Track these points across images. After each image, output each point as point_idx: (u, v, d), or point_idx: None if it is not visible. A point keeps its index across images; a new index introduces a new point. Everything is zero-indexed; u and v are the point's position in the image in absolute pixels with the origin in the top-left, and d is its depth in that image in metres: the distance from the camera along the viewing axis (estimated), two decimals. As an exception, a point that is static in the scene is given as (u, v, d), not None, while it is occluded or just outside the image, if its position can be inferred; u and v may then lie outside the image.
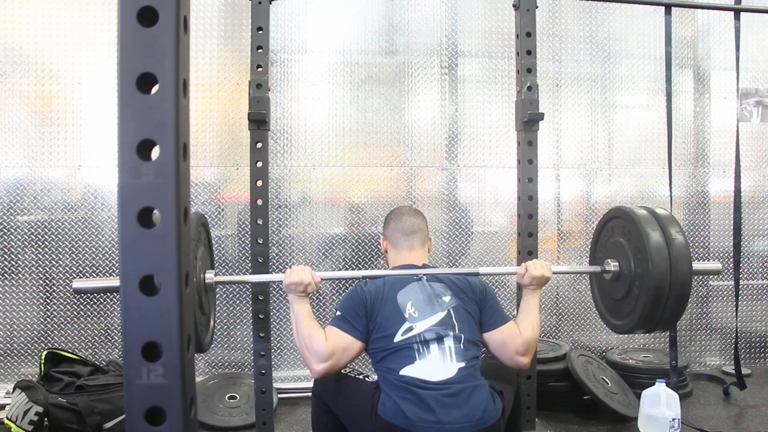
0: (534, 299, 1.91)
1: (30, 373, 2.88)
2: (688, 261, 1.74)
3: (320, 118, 3.10)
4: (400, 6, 3.16)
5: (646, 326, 1.86)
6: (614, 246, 1.97)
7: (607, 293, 2.04)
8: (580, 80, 3.31)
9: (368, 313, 1.80)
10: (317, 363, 1.73)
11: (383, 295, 1.83)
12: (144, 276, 0.67)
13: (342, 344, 1.75)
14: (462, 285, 1.90)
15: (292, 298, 1.80)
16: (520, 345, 1.83)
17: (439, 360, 1.74)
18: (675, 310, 1.78)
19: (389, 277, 1.90)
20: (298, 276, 1.76)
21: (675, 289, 1.73)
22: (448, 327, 1.79)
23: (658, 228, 1.77)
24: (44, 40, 2.89)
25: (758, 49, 3.33)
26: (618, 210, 1.97)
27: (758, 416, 2.71)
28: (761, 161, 3.41)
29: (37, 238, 2.91)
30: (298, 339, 1.77)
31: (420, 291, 1.85)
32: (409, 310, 1.80)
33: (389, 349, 1.76)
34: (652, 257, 1.73)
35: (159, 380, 0.67)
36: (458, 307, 1.84)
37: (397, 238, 2.03)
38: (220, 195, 3.05)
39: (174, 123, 0.67)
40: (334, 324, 1.80)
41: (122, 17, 0.66)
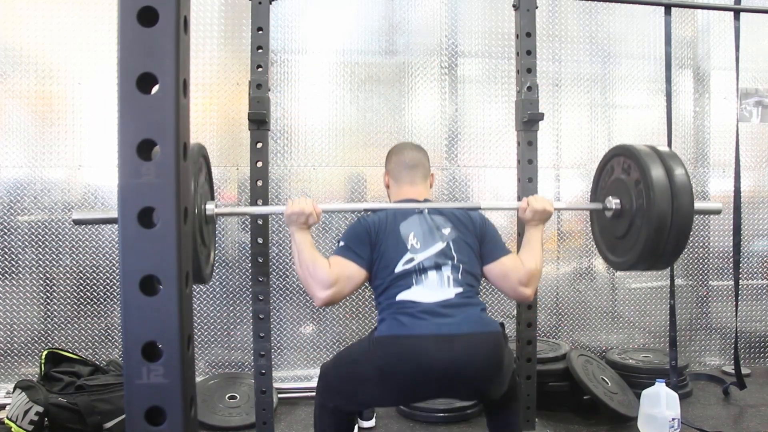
0: (537, 233, 1.89)
1: (30, 373, 2.88)
2: (689, 196, 1.71)
3: (320, 118, 3.10)
4: (400, 6, 3.16)
5: (646, 263, 1.83)
6: (615, 184, 1.94)
7: (609, 231, 2.00)
8: (580, 80, 3.31)
9: (372, 242, 1.80)
10: (321, 290, 1.71)
11: (386, 225, 1.82)
12: (144, 276, 0.67)
13: (347, 272, 1.74)
14: (462, 218, 1.89)
15: (294, 230, 1.78)
16: (523, 275, 1.81)
17: (437, 285, 1.74)
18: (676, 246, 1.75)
19: (391, 209, 1.89)
20: (300, 206, 1.75)
21: (676, 223, 1.70)
22: (447, 257, 1.78)
23: (659, 163, 1.74)
24: (44, 40, 2.89)
25: (758, 49, 3.33)
26: (621, 148, 1.93)
27: (758, 416, 2.71)
28: (761, 161, 3.41)
29: (37, 238, 2.91)
30: (301, 268, 1.75)
31: (421, 223, 1.84)
32: (411, 241, 1.80)
33: (390, 279, 1.76)
34: (653, 191, 1.70)
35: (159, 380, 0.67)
36: (458, 239, 1.83)
37: (399, 172, 2.01)
38: (220, 195, 3.04)
39: (174, 123, 0.67)
40: (338, 253, 1.79)
41: (122, 17, 0.66)
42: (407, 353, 1.64)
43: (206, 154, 1.88)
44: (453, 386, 1.68)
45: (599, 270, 3.37)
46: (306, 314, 3.12)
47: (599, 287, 3.35)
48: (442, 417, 2.64)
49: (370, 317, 3.11)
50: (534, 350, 2.38)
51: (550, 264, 3.30)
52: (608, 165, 2.01)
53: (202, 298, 3.02)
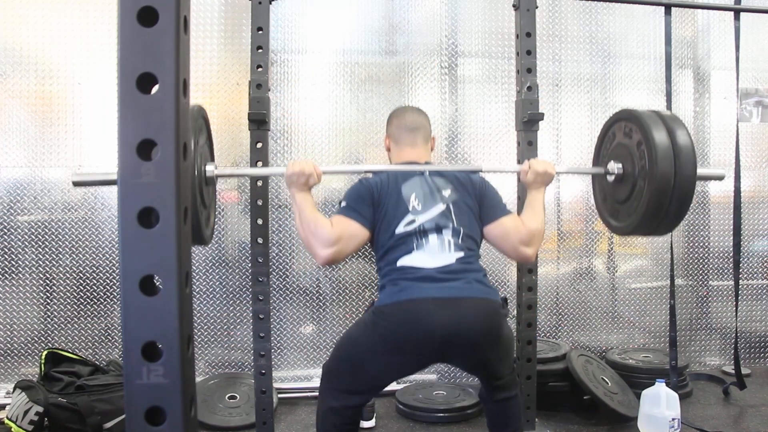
0: (539, 195, 1.87)
1: (30, 373, 2.88)
2: (692, 161, 1.69)
3: (320, 118, 3.10)
4: (400, 6, 3.16)
5: (647, 228, 1.81)
6: (618, 149, 1.92)
7: (611, 196, 1.99)
8: (580, 80, 3.31)
9: (375, 202, 1.79)
10: (323, 248, 1.70)
11: (388, 186, 1.82)
12: (144, 276, 0.67)
13: (349, 231, 1.74)
14: (463, 180, 1.89)
15: (294, 191, 1.77)
16: (524, 234, 1.80)
17: (437, 249, 1.74)
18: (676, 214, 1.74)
19: (392, 171, 1.89)
20: (300, 166, 1.74)
21: (679, 186, 1.68)
22: (447, 219, 1.78)
23: (663, 127, 1.73)
24: (44, 40, 2.89)
25: (758, 49, 3.33)
26: (624, 112, 1.91)
27: (758, 416, 2.71)
28: (761, 161, 3.41)
29: (37, 238, 2.91)
30: (303, 227, 1.74)
31: (422, 184, 1.84)
32: (412, 203, 1.80)
33: (390, 242, 1.76)
34: (656, 153, 1.69)
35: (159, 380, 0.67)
36: (458, 201, 1.82)
37: (400, 134, 2.00)
38: (220, 195, 3.05)
39: (174, 123, 0.67)
40: (340, 213, 1.78)
41: (122, 17, 0.66)
42: (408, 317, 1.65)
43: (206, 115, 1.86)
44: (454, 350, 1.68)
45: (599, 270, 3.38)
46: (306, 314, 3.12)
47: (599, 287, 3.35)
48: (442, 417, 2.64)
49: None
50: (534, 350, 2.39)
51: (550, 264, 3.30)
52: (610, 130, 1.98)
53: (202, 298, 3.02)
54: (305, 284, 3.11)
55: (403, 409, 2.72)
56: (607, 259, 3.40)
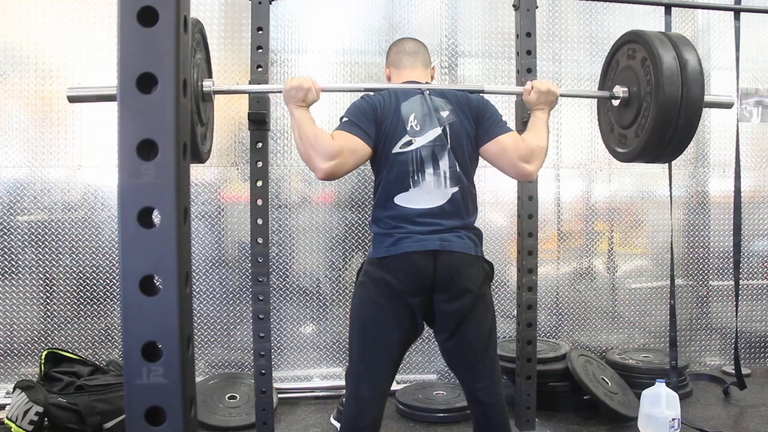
0: (542, 116, 1.82)
1: (30, 373, 2.88)
2: (700, 85, 1.64)
3: (320, 118, 3.08)
4: (400, 6, 3.16)
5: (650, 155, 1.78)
6: (624, 72, 1.88)
7: (615, 121, 1.94)
8: (580, 80, 3.31)
9: (378, 119, 1.77)
10: (323, 161, 1.66)
11: (389, 104, 1.80)
12: (144, 276, 0.67)
13: (351, 146, 1.70)
14: (462, 100, 1.85)
15: (292, 108, 1.74)
16: (524, 150, 1.75)
17: (433, 186, 1.75)
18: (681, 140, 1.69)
19: (393, 89, 1.87)
20: (298, 81, 1.71)
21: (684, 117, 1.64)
22: (444, 145, 1.77)
23: (671, 49, 1.67)
24: (44, 40, 2.89)
25: (758, 49, 3.33)
26: (632, 33, 1.86)
27: (758, 416, 2.71)
28: (761, 161, 3.41)
29: (37, 238, 2.91)
30: (301, 141, 1.70)
31: (421, 104, 1.82)
32: (411, 123, 1.78)
33: (387, 163, 1.76)
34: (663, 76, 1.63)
35: (159, 380, 0.67)
36: (455, 123, 1.80)
37: (400, 59, 1.99)
38: (220, 195, 3.05)
39: (174, 123, 0.67)
40: (342, 128, 1.75)
41: (122, 17, 0.66)
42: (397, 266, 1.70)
43: (203, 30, 1.83)
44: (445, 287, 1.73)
45: (599, 270, 3.38)
46: (306, 314, 3.12)
47: (599, 287, 3.35)
48: (441, 417, 2.64)
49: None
50: (534, 350, 2.39)
51: (550, 264, 3.30)
52: (619, 51, 1.94)
53: (202, 298, 3.02)
54: (305, 284, 3.11)
55: (403, 409, 2.72)
56: (607, 259, 3.40)
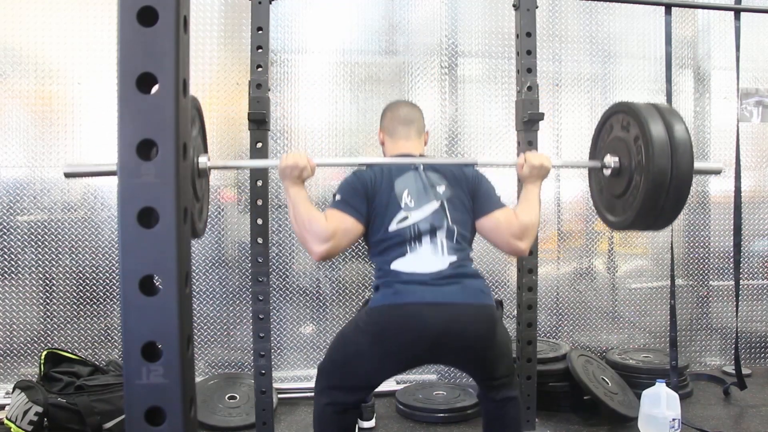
0: (534, 189, 1.85)
1: (30, 373, 2.88)
2: (689, 154, 1.68)
3: (320, 118, 3.10)
4: (400, 6, 3.16)
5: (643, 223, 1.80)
6: (615, 142, 1.90)
7: (606, 189, 1.98)
8: (580, 80, 3.30)
9: (369, 196, 1.78)
10: (318, 244, 1.69)
11: (381, 180, 1.81)
12: (144, 276, 0.67)
13: (344, 226, 1.72)
14: (457, 174, 1.87)
15: (288, 184, 1.74)
16: (517, 228, 1.77)
17: (430, 253, 1.74)
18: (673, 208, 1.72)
19: (386, 164, 1.87)
20: (294, 159, 1.71)
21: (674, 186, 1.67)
22: (441, 218, 1.77)
23: (660, 120, 1.71)
24: (44, 40, 2.89)
25: (758, 49, 3.33)
26: (621, 105, 1.89)
27: (758, 416, 2.71)
28: (761, 161, 3.41)
29: (37, 238, 2.91)
30: (296, 223, 1.73)
31: (416, 180, 1.83)
32: (405, 199, 1.79)
33: (384, 240, 1.75)
34: (653, 147, 1.66)
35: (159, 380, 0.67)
36: (452, 198, 1.81)
37: (394, 128, 1.99)
38: (220, 195, 3.04)
39: (174, 123, 0.67)
40: (334, 207, 1.77)
41: (122, 17, 0.66)
42: (401, 318, 1.65)
43: (199, 106, 1.85)
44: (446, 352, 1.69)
45: (599, 270, 3.38)
46: (306, 314, 3.12)
47: (599, 287, 3.35)
48: (442, 417, 2.64)
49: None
50: (534, 350, 2.38)
51: (550, 264, 3.30)
52: (607, 123, 1.96)
53: (202, 298, 3.02)
54: (305, 284, 3.11)
55: (403, 409, 2.71)
56: (607, 259, 3.40)
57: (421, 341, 1.65)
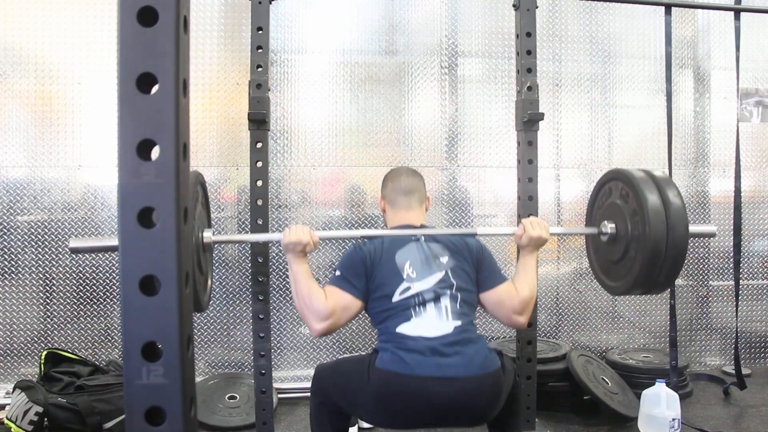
0: (531, 259, 1.90)
1: (30, 373, 2.88)
2: (684, 223, 1.74)
3: (320, 118, 3.10)
4: (400, 6, 3.16)
5: (642, 288, 1.85)
6: (611, 208, 1.95)
7: (604, 255, 2.02)
8: (580, 80, 3.31)
9: (368, 272, 1.81)
10: (317, 322, 1.73)
11: (382, 254, 1.83)
12: (144, 276, 0.67)
13: (342, 303, 1.76)
14: (459, 245, 1.90)
15: (291, 258, 1.79)
16: (517, 304, 1.83)
17: (435, 318, 1.75)
18: (671, 272, 1.77)
19: (388, 236, 1.90)
20: (297, 235, 1.75)
21: (671, 251, 1.73)
22: (446, 286, 1.79)
23: (656, 190, 1.76)
24: (44, 40, 2.89)
25: (758, 49, 3.33)
26: (615, 172, 1.95)
27: (758, 416, 2.71)
28: (761, 161, 3.41)
29: (37, 238, 2.91)
30: (297, 299, 1.77)
31: (418, 251, 1.85)
32: (407, 270, 1.81)
33: (387, 310, 1.77)
34: (649, 220, 1.72)
35: (159, 380, 0.67)
36: (456, 267, 1.84)
37: (395, 198, 2.02)
38: (220, 195, 3.05)
39: (174, 123, 0.67)
40: (333, 283, 1.80)
41: (122, 17, 0.66)
42: (405, 391, 1.66)
43: (203, 181, 1.89)
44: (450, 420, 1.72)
45: (599, 270, 3.37)
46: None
47: (599, 287, 3.32)
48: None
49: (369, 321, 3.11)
50: (534, 350, 2.38)
51: (550, 264, 3.30)
52: (603, 189, 2.03)
53: (202, 298, 3.01)
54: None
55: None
56: (607, 259, 3.39)
57: (425, 413, 1.68)
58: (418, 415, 1.69)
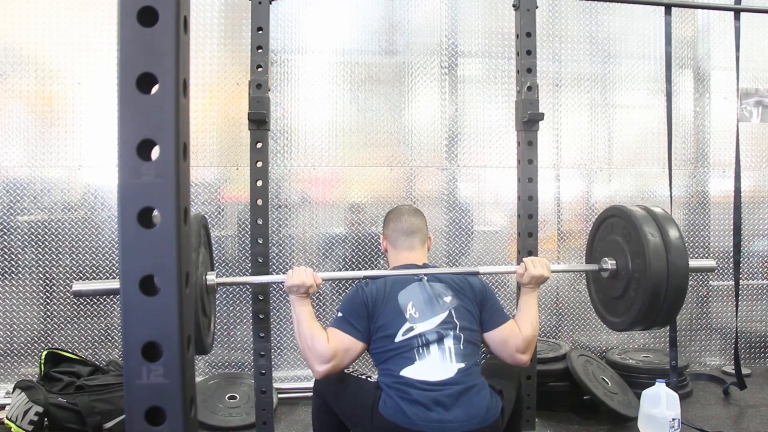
0: (533, 297, 1.92)
1: (30, 373, 2.88)
2: (684, 261, 1.77)
3: (320, 118, 3.10)
4: (400, 6, 3.16)
5: (643, 324, 1.88)
6: (611, 244, 1.98)
7: (604, 291, 2.05)
8: (580, 80, 3.31)
9: (369, 313, 1.81)
10: (320, 364, 1.74)
11: (384, 295, 1.84)
12: (144, 276, 0.67)
13: (344, 345, 1.77)
14: (462, 285, 1.91)
15: (294, 299, 1.81)
16: (520, 343, 1.84)
17: (439, 360, 1.75)
18: (672, 308, 1.81)
19: (390, 277, 1.90)
20: (300, 278, 1.77)
21: (672, 288, 1.76)
22: (449, 327, 1.80)
23: (656, 229, 1.79)
24: (44, 40, 2.89)
25: (758, 49, 3.33)
26: (615, 209, 1.98)
27: (758, 416, 2.71)
28: (761, 161, 3.41)
29: (37, 238, 2.91)
30: (300, 340, 1.78)
31: (421, 291, 1.86)
32: (409, 311, 1.81)
33: (390, 350, 1.77)
34: (650, 258, 1.75)
35: (159, 380, 0.67)
36: (459, 307, 1.85)
37: (397, 239, 2.03)
38: (220, 195, 3.05)
39: (174, 123, 0.67)
40: (335, 325, 1.81)
41: (122, 17, 0.66)
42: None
43: (206, 224, 1.90)
44: None
45: (599, 270, 3.37)
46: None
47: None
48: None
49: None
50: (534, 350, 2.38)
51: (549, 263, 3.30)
52: (605, 224, 2.05)
53: (202, 298, 3.01)
54: (305, 284, 3.10)
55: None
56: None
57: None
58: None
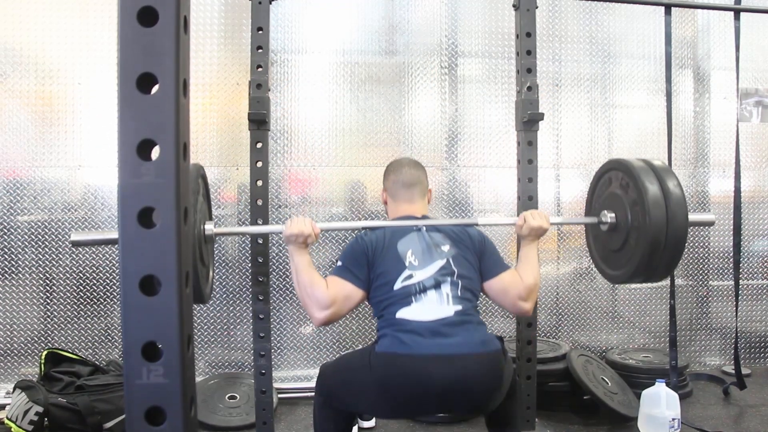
0: (533, 249, 1.92)
1: (30, 373, 2.88)
2: (684, 211, 1.75)
3: (320, 118, 3.10)
4: (400, 6, 3.16)
5: (643, 275, 1.86)
6: (611, 197, 1.96)
7: (603, 244, 2.03)
8: (580, 80, 3.31)
9: (369, 261, 1.82)
10: (319, 311, 1.74)
11: (384, 244, 1.84)
12: (144, 276, 0.67)
13: (344, 292, 1.77)
14: (461, 235, 1.91)
15: (292, 249, 1.80)
16: (522, 290, 1.84)
17: (436, 302, 1.76)
18: (671, 259, 1.79)
19: (389, 227, 1.91)
20: (299, 227, 1.76)
21: (671, 240, 1.74)
22: (446, 273, 1.80)
23: (656, 180, 1.78)
24: (44, 40, 2.89)
25: (758, 49, 3.33)
26: (613, 162, 1.96)
27: (758, 416, 2.71)
28: (761, 161, 3.41)
29: (37, 238, 2.91)
30: (299, 288, 1.78)
31: (419, 240, 1.86)
32: (409, 258, 1.82)
33: (389, 297, 1.78)
34: (649, 209, 1.73)
35: (159, 380, 0.67)
36: (458, 255, 1.85)
37: (397, 190, 2.02)
38: (220, 195, 3.05)
39: (174, 123, 0.67)
40: (335, 273, 1.82)
41: (122, 17, 0.66)
42: (407, 371, 1.66)
43: (204, 173, 1.90)
44: (452, 403, 1.71)
45: (599, 270, 3.37)
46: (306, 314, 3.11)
47: (599, 287, 3.35)
48: (442, 417, 2.64)
49: (370, 318, 3.11)
50: (534, 350, 2.38)
51: (550, 264, 3.30)
52: (603, 178, 2.03)
53: (202, 298, 3.01)
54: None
55: (403, 409, 2.71)
56: (607, 259, 3.39)
57: (427, 395, 1.67)
58: (418, 400, 1.67)
